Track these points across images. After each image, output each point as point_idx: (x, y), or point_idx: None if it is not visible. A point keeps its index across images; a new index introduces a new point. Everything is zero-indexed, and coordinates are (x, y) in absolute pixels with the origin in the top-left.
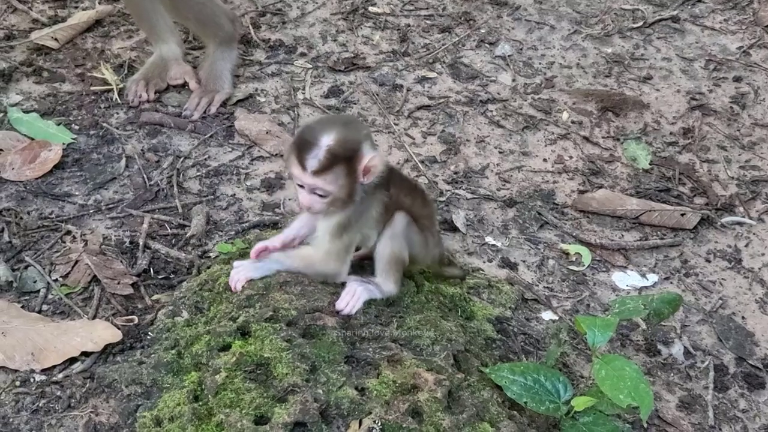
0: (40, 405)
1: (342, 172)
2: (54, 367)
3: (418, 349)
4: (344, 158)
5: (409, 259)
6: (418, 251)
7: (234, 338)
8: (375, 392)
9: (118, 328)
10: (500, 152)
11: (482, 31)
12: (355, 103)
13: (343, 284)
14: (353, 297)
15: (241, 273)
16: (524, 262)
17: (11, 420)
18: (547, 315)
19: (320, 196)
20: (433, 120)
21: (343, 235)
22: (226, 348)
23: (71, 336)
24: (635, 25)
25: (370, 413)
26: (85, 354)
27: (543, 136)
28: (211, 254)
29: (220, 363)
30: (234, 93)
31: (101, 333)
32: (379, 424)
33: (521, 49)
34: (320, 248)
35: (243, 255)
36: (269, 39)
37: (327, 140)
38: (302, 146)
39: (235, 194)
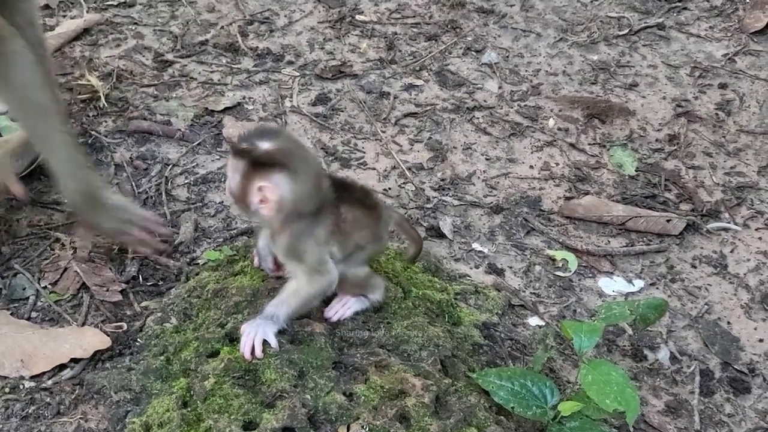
0: (29, 411)
1: (240, 171)
2: (43, 373)
3: (405, 355)
4: (251, 162)
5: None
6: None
7: (222, 344)
8: (363, 397)
9: (107, 335)
10: (487, 159)
11: (469, 38)
12: (342, 111)
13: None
14: (344, 306)
15: (253, 337)
16: (511, 268)
17: (1, 426)
18: (533, 321)
19: (227, 181)
20: (419, 127)
21: (303, 255)
22: (214, 354)
23: (60, 343)
24: (621, 33)
25: (358, 418)
26: (75, 360)
27: (529, 143)
28: (199, 261)
29: (208, 369)
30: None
31: (90, 340)
32: (367, 429)
33: (507, 57)
34: (301, 278)
35: (231, 262)
36: (257, 47)
37: (261, 140)
38: (255, 131)
39: (222, 201)
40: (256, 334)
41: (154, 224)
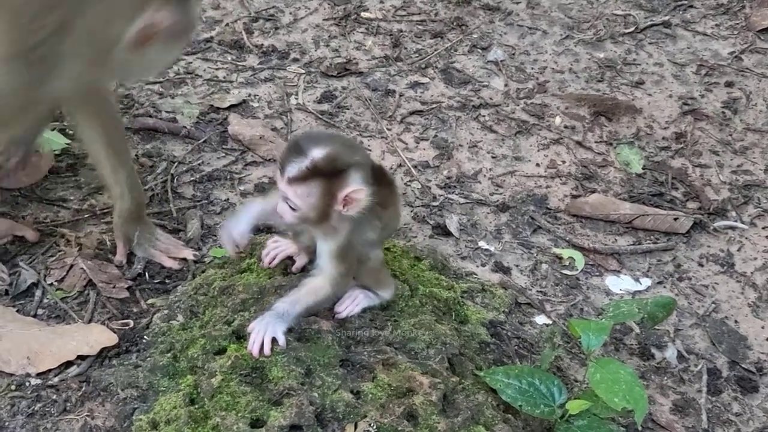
0: (35, 409)
1: (317, 191)
2: (50, 371)
3: (412, 353)
4: (324, 176)
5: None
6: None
7: (229, 342)
8: (370, 395)
9: (114, 332)
10: (493, 157)
11: (474, 36)
12: (347, 109)
13: None
14: (353, 302)
15: (262, 335)
16: (517, 266)
17: (7, 424)
18: (540, 319)
19: (291, 208)
20: (425, 125)
21: (347, 257)
22: (221, 351)
23: (67, 340)
24: (627, 31)
25: (366, 416)
26: (81, 358)
27: (536, 141)
28: (205, 259)
29: (215, 366)
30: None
31: (97, 337)
32: (375, 427)
33: (513, 54)
34: (329, 277)
35: (237, 259)
36: (262, 44)
37: (314, 152)
38: (289, 150)
39: (228, 199)
40: (266, 331)
41: (176, 248)
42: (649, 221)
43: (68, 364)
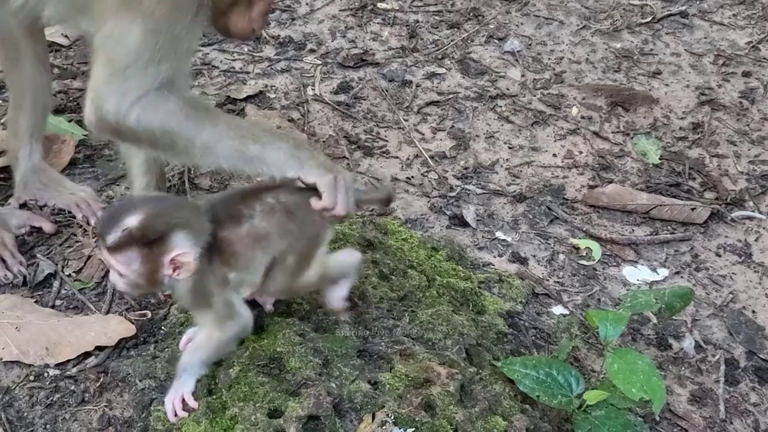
0: (54, 399)
1: (138, 258)
2: (68, 361)
3: (430, 343)
4: (142, 244)
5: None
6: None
7: None
8: (388, 386)
9: (132, 323)
10: (510, 147)
11: (491, 26)
12: (364, 99)
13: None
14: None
15: (174, 398)
16: (534, 256)
17: (25, 414)
18: (557, 309)
19: (119, 274)
20: (442, 116)
21: (211, 298)
22: (239, 342)
23: (85, 331)
24: (644, 21)
25: (383, 407)
26: (99, 348)
27: (552, 132)
28: None
29: (233, 357)
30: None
31: (115, 327)
32: (392, 417)
33: (530, 45)
34: (206, 325)
35: None
36: (278, 35)
37: (129, 220)
38: (106, 219)
39: None
40: (175, 397)
41: None
42: (666, 211)
43: (86, 354)
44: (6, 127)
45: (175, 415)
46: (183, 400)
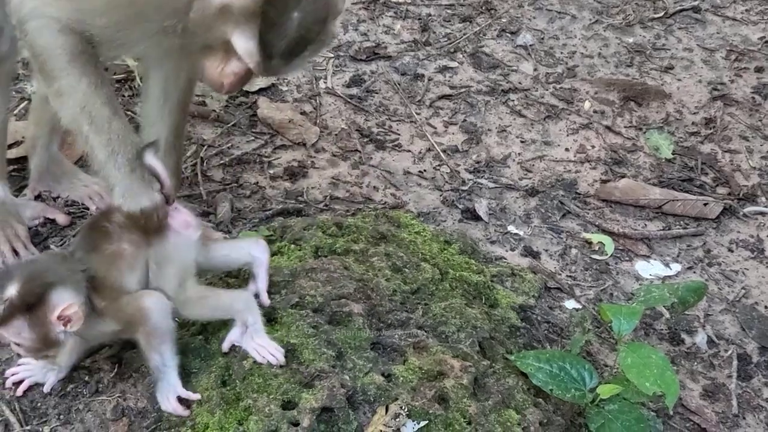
0: (67, 390)
1: (26, 325)
2: None
3: (443, 336)
4: (26, 310)
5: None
6: None
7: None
8: (401, 378)
9: None
10: (522, 142)
11: (503, 20)
12: (376, 93)
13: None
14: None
15: (171, 399)
16: (547, 251)
17: (39, 405)
18: (570, 304)
19: (17, 344)
20: (454, 109)
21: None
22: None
23: None
24: (656, 15)
25: (397, 399)
26: None
27: (565, 126)
28: None
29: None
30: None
31: None
32: (406, 410)
33: (542, 39)
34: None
35: (268, 242)
36: None
37: (8, 291)
38: None
39: (258, 182)
40: (170, 398)
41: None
42: (678, 206)
43: (100, 345)
44: (22, 117)
45: (186, 407)
46: (179, 398)
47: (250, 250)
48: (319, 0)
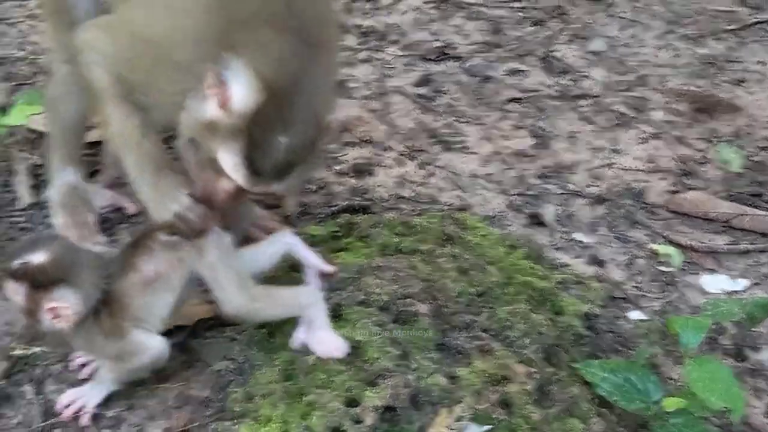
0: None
1: (23, 293)
2: None
3: (508, 341)
4: (31, 283)
5: None
6: None
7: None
8: (465, 381)
9: (210, 304)
10: (591, 149)
11: (575, 26)
12: (445, 93)
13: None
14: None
15: (77, 399)
16: (613, 260)
17: None
18: (635, 314)
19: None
20: (523, 113)
21: (102, 348)
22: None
23: None
24: (730, 27)
25: (461, 402)
26: (179, 328)
27: (635, 135)
28: (301, 237)
29: None
30: None
31: (194, 308)
32: (469, 413)
33: (614, 46)
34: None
35: (334, 238)
36: (361, 25)
37: (34, 257)
38: (20, 246)
39: (324, 178)
40: (78, 400)
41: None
42: (747, 221)
43: (165, 334)
44: None
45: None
46: (82, 407)
47: (283, 238)
48: (307, 124)
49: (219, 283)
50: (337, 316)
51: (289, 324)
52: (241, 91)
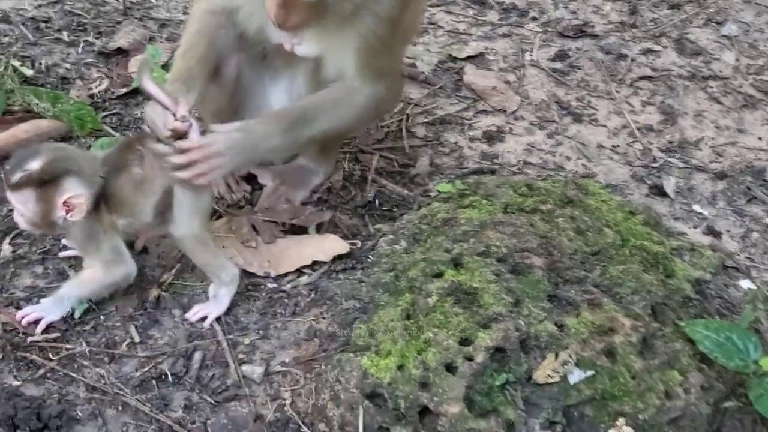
0: (267, 309)
1: (34, 197)
2: (285, 275)
3: (617, 297)
4: (38, 185)
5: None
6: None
7: (447, 267)
8: (573, 330)
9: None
10: (716, 127)
11: (711, 10)
12: (579, 69)
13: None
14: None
15: (33, 313)
16: (728, 232)
17: (241, 318)
18: (745, 283)
19: (20, 214)
20: (653, 91)
21: (100, 244)
22: (439, 275)
23: (304, 247)
24: None
25: (567, 348)
26: (315, 264)
27: (761, 116)
28: (431, 193)
29: (432, 288)
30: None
31: (331, 245)
32: (575, 359)
33: (748, 31)
34: (95, 266)
35: (461, 196)
36: (503, 2)
37: (29, 163)
38: (13, 163)
39: (457, 142)
40: (34, 313)
41: None
42: None
43: (300, 273)
44: None
45: (29, 324)
46: (37, 320)
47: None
48: None
49: (181, 204)
50: (457, 264)
51: (414, 270)
52: None
